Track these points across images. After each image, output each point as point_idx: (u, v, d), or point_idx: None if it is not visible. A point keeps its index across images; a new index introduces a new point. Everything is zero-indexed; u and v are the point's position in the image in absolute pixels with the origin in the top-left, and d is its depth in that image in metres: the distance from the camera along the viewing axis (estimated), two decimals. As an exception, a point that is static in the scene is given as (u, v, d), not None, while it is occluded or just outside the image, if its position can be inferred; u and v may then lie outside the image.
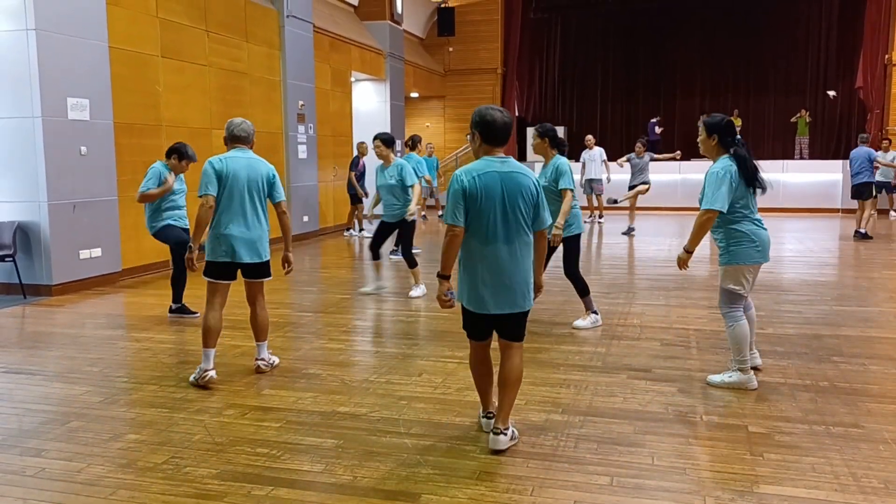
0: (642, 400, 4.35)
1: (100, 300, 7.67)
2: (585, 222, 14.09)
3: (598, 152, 15.18)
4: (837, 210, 16.74)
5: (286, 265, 5.11)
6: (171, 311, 6.82)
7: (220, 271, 4.82)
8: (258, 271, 5.00)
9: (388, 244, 10.81)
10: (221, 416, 4.17)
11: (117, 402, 4.45)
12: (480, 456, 3.56)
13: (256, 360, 5.05)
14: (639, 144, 13.44)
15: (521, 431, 3.84)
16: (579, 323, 6.17)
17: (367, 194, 13.12)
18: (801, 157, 19.88)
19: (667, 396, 4.41)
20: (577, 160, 15.15)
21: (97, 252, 8.41)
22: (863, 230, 12.15)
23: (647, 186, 13.13)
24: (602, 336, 5.89)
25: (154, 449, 3.71)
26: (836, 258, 10.34)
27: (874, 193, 12.28)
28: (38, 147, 7.68)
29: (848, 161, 12.55)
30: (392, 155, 7.67)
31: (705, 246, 11.69)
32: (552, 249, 5.83)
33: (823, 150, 21.09)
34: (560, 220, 5.76)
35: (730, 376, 4.56)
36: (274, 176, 4.98)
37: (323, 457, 3.59)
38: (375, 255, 7.80)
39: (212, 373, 4.69)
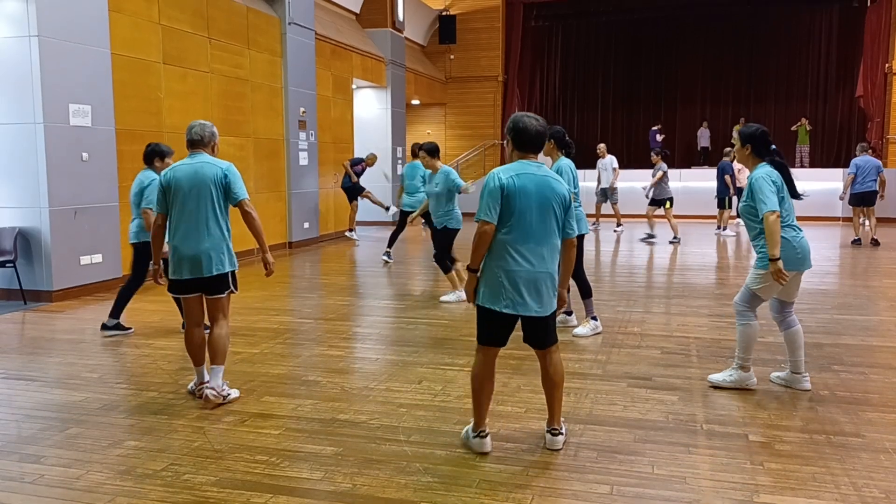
0: (642, 408, 4.34)
1: (100, 306, 7.67)
2: (590, 229, 14.11)
3: (609, 160, 15.03)
4: (838, 219, 16.74)
5: (266, 267, 4.71)
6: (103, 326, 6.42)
7: (178, 287, 4.50)
8: (209, 287, 4.48)
9: (391, 246, 10.83)
10: (221, 423, 4.17)
11: (117, 408, 4.45)
12: (480, 464, 3.56)
13: (205, 385, 4.49)
14: (653, 155, 13.29)
15: (520, 440, 3.84)
16: (579, 331, 6.17)
17: (356, 180, 13.62)
18: (802, 166, 19.90)
19: (667, 405, 4.40)
20: (580, 168, 15.08)
21: (98, 258, 8.41)
22: (874, 237, 12.46)
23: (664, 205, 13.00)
24: (602, 344, 5.89)
25: (153, 456, 3.70)
26: (837, 267, 10.33)
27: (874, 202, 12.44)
28: (40, 153, 7.70)
29: (851, 170, 12.62)
30: (438, 163, 7.74)
31: (706, 255, 11.69)
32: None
33: (824, 158, 21.12)
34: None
35: (730, 374, 4.67)
36: (227, 176, 4.46)
37: (322, 464, 3.58)
38: (445, 267, 7.78)
39: (207, 390, 4.47)
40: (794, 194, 4.57)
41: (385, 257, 10.76)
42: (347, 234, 14.42)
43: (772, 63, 22.03)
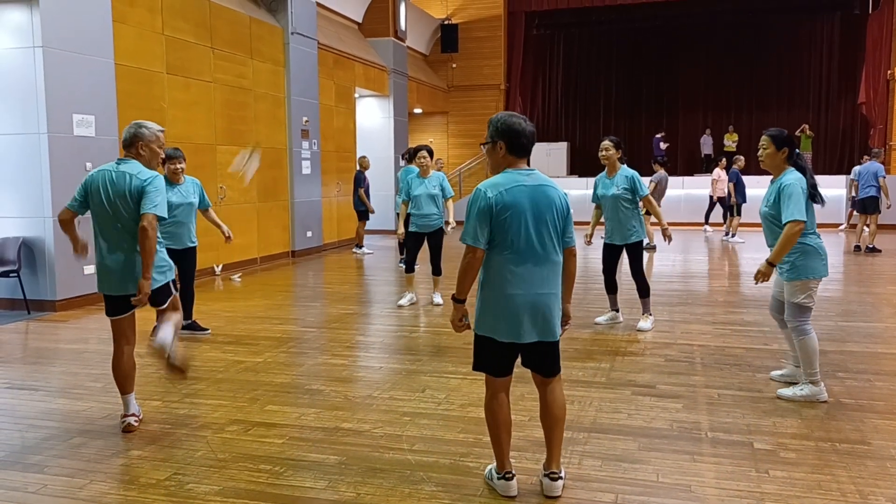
0: (647, 416, 4.33)
1: (103, 316, 7.65)
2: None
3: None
4: (841, 225, 16.73)
5: (137, 293, 4.09)
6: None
7: (107, 305, 4.26)
8: (121, 305, 4.21)
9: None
10: (224, 432, 4.16)
11: (120, 417, 4.44)
12: (484, 473, 3.54)
13: (124, 416, 4.21)
14: (655, 164, 13.30)
15: (524, 448, 3.82)
16: (643, 325, 6.62)
17: (374, 210, 13.17)
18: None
19: (671, 413, 4.38)
20: (579, 175, 15.05)
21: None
22: (871, 244, 12.33)
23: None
24: (606, 351, 5.87)
25: (156, 465, 3.69)
26: (841, 273, 10.31)
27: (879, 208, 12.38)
28: (44, 163, 7.73)
29: (853, 176, 12.62)
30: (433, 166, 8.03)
31: (705, 262, 11.67)
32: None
33: (827, 165, 21.12)
34: (663, 222, 6.81)
35: (801, 389, 4.57)
36: (144, 186, 4.04)
37: (326, 473, 3.57)
38: (411, 268, 8.08)
39: (130, 419, 4.18)
40: (819, 199, 4.52)
41: (402, 264, 10.76)
42: (356, 250, 13.93)
43: (774, 70, 22.06)
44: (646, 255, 12.24)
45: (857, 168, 12.54)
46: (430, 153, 7.99)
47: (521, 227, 3.14)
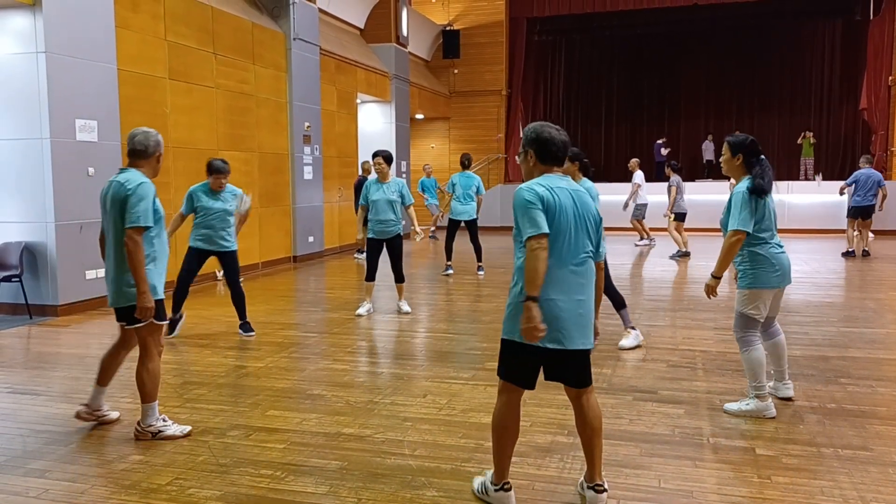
0: (648, 422, 4.32)
1: (105, 321, 7.68)
2: (637, 245, 14.11)
3: (636, 176, 14.62)
4: (843, 231, 16.69)
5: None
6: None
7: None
8: (120, 315, 4.21)
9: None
10: (225, 437, 4.16)
11: (121, 422, 4.44)
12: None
13: (82, 404, 4.38)
14: (667, 168, 13.12)
15: (525, 454, 3.82)
16: (624, 343, 6.17)
17: None
18: (807, 179, 19.89)
19: (673, 418, 4.38)
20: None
21: (103, 273, 8.41)
22: (866, 249, 12.53)
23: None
24: (607, 357, 5.87)
25: (158, 470, 3.69)
26: (843, 279, 10.30)
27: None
28: (47, 168, 7.74)
29: (850, 181, 12.66)
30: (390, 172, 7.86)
31: (707, 267, 11.66)
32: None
33: (828, 171, 21.11)
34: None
35: (747, 404, 4.42)
36: (127, 196, 3.99)
37: (327, 478, 3.57)
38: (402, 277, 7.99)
39: (82, 409, 4.32)
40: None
41: (448, 271, 10.79)
42: (357, 255, 13.88)
43: (775, 76, 22.08)
44: (665, 261, 12.29)
45: (856, 174, 12.56)
46: (388, 160, 7.66)
47: (566, 228, 3.05)
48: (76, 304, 8.03)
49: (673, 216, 12.87)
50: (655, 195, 15.28)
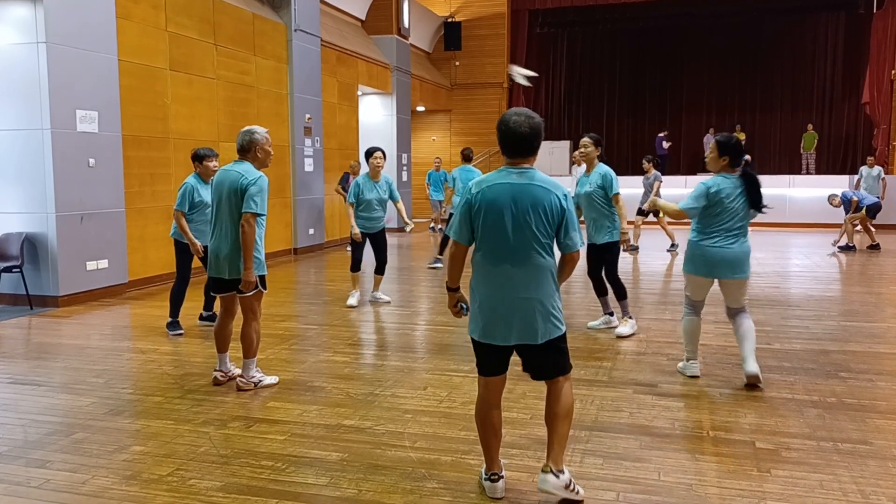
0: (648, 415, 4.33)
1: (106, 311, 7.69)
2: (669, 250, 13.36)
3: (652, 175, 13.40)
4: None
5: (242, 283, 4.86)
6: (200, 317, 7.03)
7: (212, 284, 5.04)
8: (231, 286, 4.96)
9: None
10: (226, 428, 4.17)
11: (122, 413, 4.45)
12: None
13: (215, 370, 5.15)
14: (644, 162, 12.67)
15: (525, 446, 3.82)
16: (620, 331, 6.34)
17: None
18: (808, 173, 19.87)
19: (673, 412, 4.39)
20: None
21: (104, 263, 8.44)
22: (852, 243, 12.66)
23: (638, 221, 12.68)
24: (607, 350, 5.87)
25: (159, 461, 3.70)
26: (843, 273, 10.30)
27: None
28: (47, 159, 7.73)
29: (858, 176, 12.78)
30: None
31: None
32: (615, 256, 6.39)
33: (830, 165, 21.08)
34: (624, 225, 6.29)
35: (680, 364, 5.20)
36: (248, 186, 4.67)
37: (328, 470, 3.57)
38: (357, 268, 8.06)
39: (217, 374, 5.06)
40: (757, 206, 4.74)
41: (437, 265, 10.78)
42: (349, 248, 13.82)
43: (777, 70, 22.01)
44: (665, 254, 12.22)
45: (863, 170, 12.70)
46: (385, 155, 7.87)
47: (497, 226, 3.08)
48: (77, 294, 8.04)
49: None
50: (630, 188, 14.95)
